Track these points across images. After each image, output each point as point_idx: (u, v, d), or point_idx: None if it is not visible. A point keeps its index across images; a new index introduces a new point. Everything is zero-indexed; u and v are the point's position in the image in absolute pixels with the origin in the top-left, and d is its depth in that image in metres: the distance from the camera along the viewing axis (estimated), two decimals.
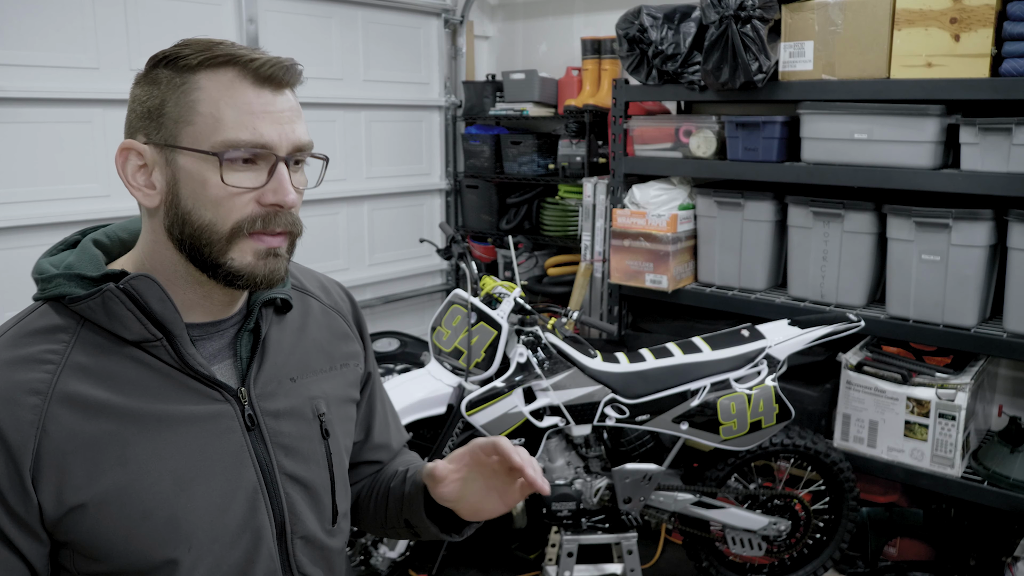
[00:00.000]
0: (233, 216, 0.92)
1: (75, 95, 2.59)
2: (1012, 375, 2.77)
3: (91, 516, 0.90)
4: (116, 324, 0.93)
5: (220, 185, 0.90)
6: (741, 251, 2.90)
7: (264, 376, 1.03)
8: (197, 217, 0.92)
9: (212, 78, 0.90)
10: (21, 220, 2.51)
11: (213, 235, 0.92)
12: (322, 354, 1.12)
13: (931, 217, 2.42)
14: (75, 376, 0.91)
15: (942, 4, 2.29)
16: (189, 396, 0.96)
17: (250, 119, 0.90)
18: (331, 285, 1.23)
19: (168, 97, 0.92)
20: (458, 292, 2.35)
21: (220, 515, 0.97)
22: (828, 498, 2.58)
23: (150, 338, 0.94)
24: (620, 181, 3.11)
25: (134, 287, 0.92)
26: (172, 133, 0.92)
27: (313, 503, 1.07)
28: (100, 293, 0.91)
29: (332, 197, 3.47)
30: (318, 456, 1.07)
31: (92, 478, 0.90)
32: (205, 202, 0.91)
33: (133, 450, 0.92)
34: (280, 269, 0.96)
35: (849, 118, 2.51)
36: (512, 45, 4.07)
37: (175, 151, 0.92)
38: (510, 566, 2.85)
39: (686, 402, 2.31)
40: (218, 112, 0.90)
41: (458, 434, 2.30)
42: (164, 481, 0.93)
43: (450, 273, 4.08)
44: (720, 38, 2.58)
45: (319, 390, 1.09)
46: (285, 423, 1.04)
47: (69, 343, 0.92)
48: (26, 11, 2.47)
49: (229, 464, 0.98)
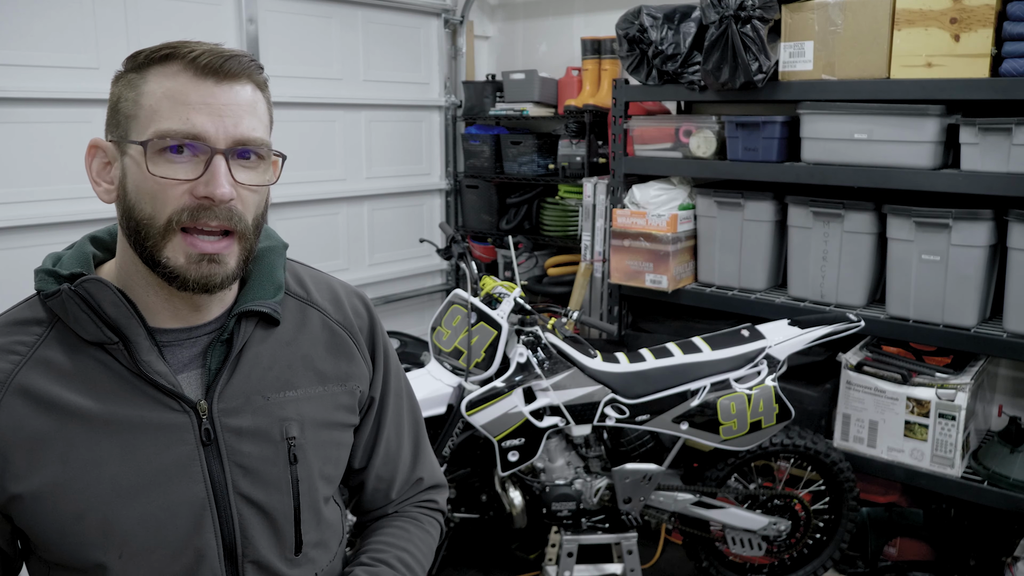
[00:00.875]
0: (167, 208, 0.90)
1: (75, 95, 2.58)
2: (1012, 375, 2.77)
3: (28, 507, 0.91)
4: (76, 324, 0.94)
5: (150, 176, 0.89)
6: (741, 251, 2.90)
7: (231, 391, 0.99)
8: (139, 211, 0.91)
9: (159, 72, 0.91)
10: (21, 220, 2.51)
11: (151, 229, 0.91)
12: (310, 371, 1.06)
13: (931, 217, 2.42)
14: (36, 370, 0.93)
15: (942, 4, 2.29)
16: (144, 403, 0.94)
17: (184, 110, 0.89)
18: (348, 299, 1.16)
19: (122, 94, 0.93)
20: (458, 292, 2.35)
21: (158, 527, 0.94)
22: (828, 498, 2.58)
23: (107, 340, 0.93)
24: (620, 181, 3.11)
25: (86, 289, 0.92)
26: (124, 129, 0.92)
27: (271, 529, 1.02)
28: (60, 293, 0.93)
29: (332, 197, 3.47)
30: (281, 481, 1.02)
31: (31, 471, 0.91)
32: (144, 194, 0.91)
33: (77, 450, 0.92)
34: (216, 275, 0.93)
35: (849, 118, 2.51)
36: (512, 45, 4.07)
37: (125, 145, 0.92)
38: (510, 566, 2.85)
39: (686, 402, 2.31)
40: (156, 104, 0.90)
41: (458, 434, 2.30)
42: (102, 484, 0.92)
43: (450, 273, 4.08)
44: (720, 38, 2.58)
45: (295, 411, 1.03)
46: (247, 442, 0.99)
47: (41, 336, 0.94)
48: (26, 11, 2.47)
49: (175, 476, 0.95)
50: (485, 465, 2.51)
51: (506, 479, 2.45)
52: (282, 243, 1.11)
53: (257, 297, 1.03)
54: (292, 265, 1.14)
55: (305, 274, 1.15)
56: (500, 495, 2.48)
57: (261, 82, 0.97)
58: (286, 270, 1.10)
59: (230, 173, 0.91)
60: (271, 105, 1.00)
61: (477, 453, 2.52)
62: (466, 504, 2.58)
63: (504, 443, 2.25)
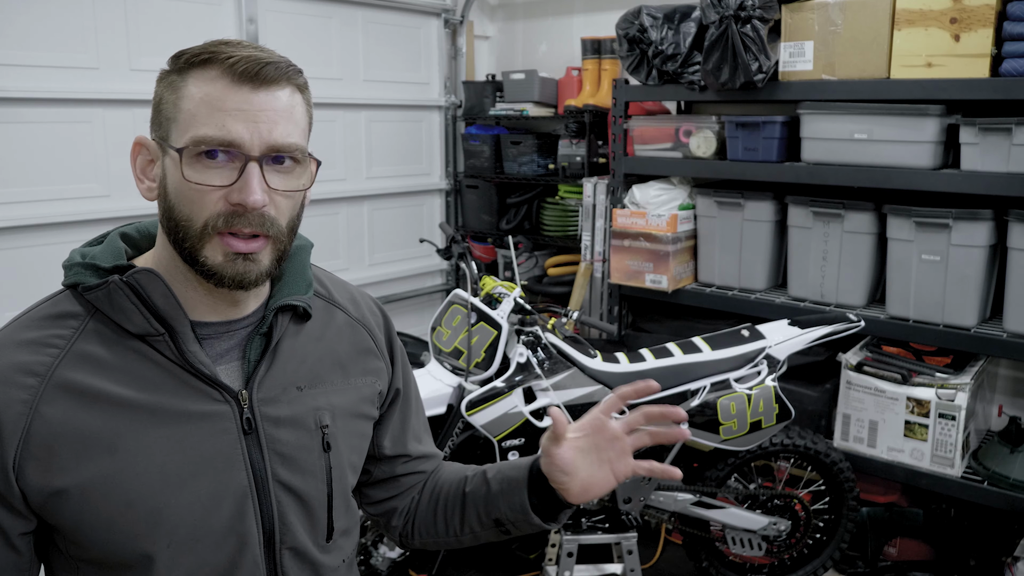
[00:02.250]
0: (204, 213, 0.92)
1: (75, 95, 2.58)
2: (1012, 375, 2.77)
3: (74, 501, 0.91)
4: (120, 316, 0.94)
5: (184, 181, 0.91)
6: (741, 251, 2.90)
7: (269, 381, 1.02)
8: (177, 211, 0.93)
9: (199, 76, 0.92)
10: (21, 220, 2.51)
11: (189, 230, 0.93)
12: (337, 366, 1.10)
13: (931, 217, 2.42)
14: (76, 363, 0.92)
15: (942, 4, 2.29)
16: (187, 393, 0.96)
17: (220, 116, 0.90)
18: (363, 299, 1.21)
19: (164, 96, 0.94)
20: (458, 292, 2.35)
21: (205, 515, 0.96)
22: (828, 498, 2.58)
23: (152, 332, 0.95)
24: (620, 181, 3.11)
25: (137, 280, 0.94)
26: (165, 130, 0.94)
27: (306, 515, 1.05)
28: (107, 284, 0.93)
29: (332, 197, 3.47)
30: (316, 469, 1.05)
31: (79, 463, 0.91)
32: (181, 197, 0.93)
33: (124, 440, 0.92)
34: (251, 273, 0.95)
35: (849, 118, 2.51)
36: (512, 45, 4.07)
37: (166, 146, 0.94)
38: (510, 566, 2.85)
39: (686, 402, 2.31)
40: (195, 109, 0.91)
41: (458, 434, 2.30)
42: (151, 474, 0.93)
43: (450, 273, 4.08)
44: (720, 38, 2.58)
45: (326, 402, 1.07)
46: (284, 431, 1.03)
47: (77, 330, 0.94)
48: (26, 11, 2.47)
49: (220, 465, 0.97)
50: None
51: None
52: (309, 243, 1.15)
53: (292, 293, 1.06)
54: (313, 268, 1.17)
55: (324, 276, 1.19)
56: None
57: (301, 85, 0.99)
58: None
59: (264, 179, 0.92)
60: (311, 106, 1.02)
61: (477, 453, 2.51)
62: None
63: (504, 443, 2.25)
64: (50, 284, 1.02)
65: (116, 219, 2.68)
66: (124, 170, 2.72)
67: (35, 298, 1.01)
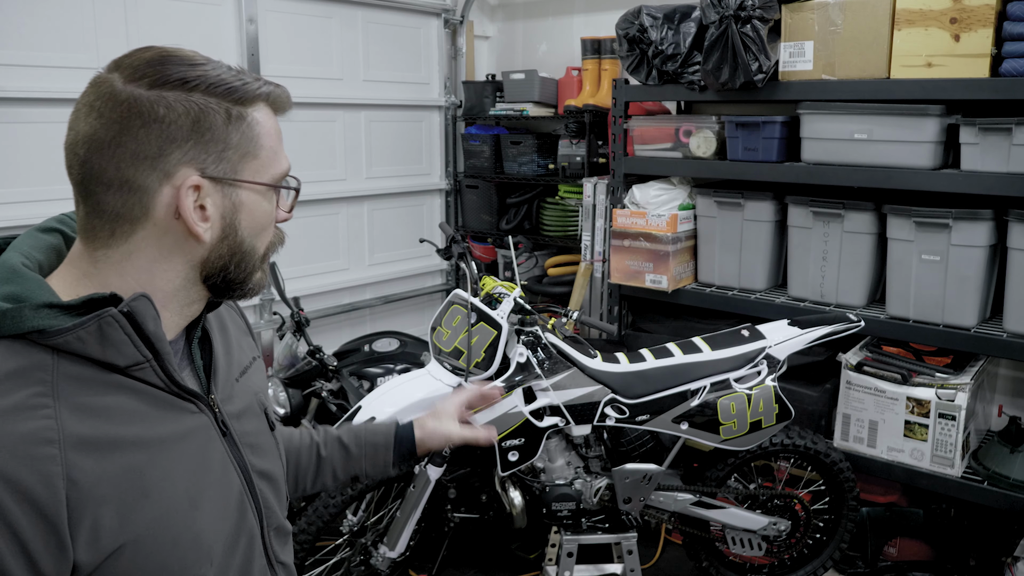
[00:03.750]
0: (266, 239, 0.98)
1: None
2: (1012, 375, 2.77)
3: (128, 557, 0.85)
4: (110, 351, 0.86)
5: (272, 213, 0.97)
6: (741, 251, 2.90)
7: (219, 380, 1.04)
8: (248, 245, 0.95)
9: (260, 109, 0.93)
10: (21, 220, 2.51)
11: (255, 259, 0.97)
12: (242, 350, 1.15)
13: (931, 217, 2.42)
14: (75, 416, 0.84)
15: (942, 4, 2.29)
16: (175, 414, 0.94)
17: (281, 147, 0.96)
18: None
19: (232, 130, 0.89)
20: (458, 292, 2.35)
21: (224, 524, 0.98)
22: (828, 498, 2.58)
23: (140, 360, 0.88)
24: (620, 181, 3.11)
25: (135, 309, 0.86)
26: (233, 166, 0.90)
27: (276, 493, 1.11)
28: (97, 319, 0.84)
29: (332, 197, 3.47)
30: (272, 447, 1.11)
31: (125, 518, 0.85)
32: (255, 230, 0.96)
33: (150, 480, 0.88)
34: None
35: (849, 118, 2.51)
36: (512, 45, 4.07)
37: (238, 182, 0.91)
38: (510, 566, 2.85)
39: (686, 402, 2.31)
40: (273, 145, 0.95)
41: None
42: (181, 504, 0.91)
43: (450, 273, 4.08)
44: (720, 38, 2.58)
45: (254, 384, 1.13)
46: (245, 422, 1.06)
47: (51, 383, 0.83)
48: (26, 11, 2.47)
49: (220, 472, 0.99)
50: (485, 465, 2.51)
51: (506, 479, 2.45)
52: None
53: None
54: None
55: None
56: (500, 495, 2.48)
57: None
58: None
59: None
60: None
61: (477, 453, 2.51)
62: (466, 504, 2.58)
63: (504, 443, 2.25)
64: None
65: None
66: None
67: None
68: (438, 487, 2.42)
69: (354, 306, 3.61)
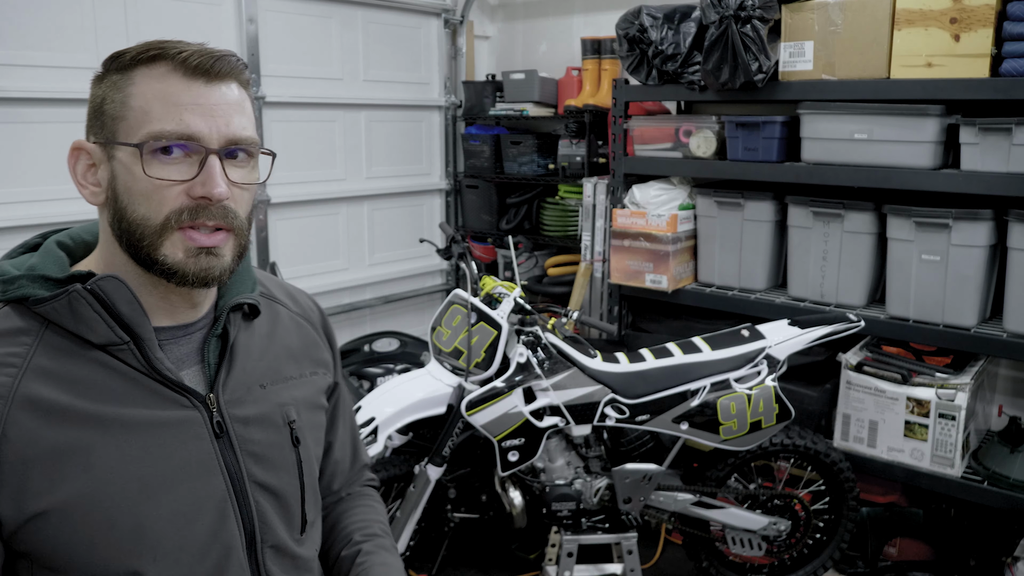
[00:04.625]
0: (164, 209, 0.91)
1: (75, 95, 2.58)
2: (1012, 375, 2.77)
3: (53, 524, 0.87)
4: (82, 327, 0.90)
5: (144, 177, 0.90)
6: (741, 251, 2.90)
7: (233, 382, 1.01)
8: (131, 212, 0.91)
9: (146, 73, 0.91)
10: (21, 220, 2.51)
11: (146, 229, 0.91)
12: (292, 360, 1.11)
13: (931, 217, 2.42)
14: (38, 380, 0.88)
15: (942, 4, 2.29)
16: (155, 401, 0.94)
17: (176, 111, 0.90)
18: (298, 294, 1.23)
19: (107, 95, 0.92)
20: (458, 292, 2.35)
21: (187, 524, 0.94)
22: (828, 498, 2.58)
23: (116, 341, 0.91)
24: (620, 181, 3.11)
25: (101, 288, 0.90)
26: (111, 130, 0.92)
27: (283, 511, 1.05)
28: (66, 294, 0.89)
29: (332, 197, 3.47)
30: (288, 464, 1.06)
31: (55, 485, 0.87)
32: (137, 196, 0.91)
33: (98, 456, 0.89)
34: (214, 268, 0.94)
35: (849, 118, 2.51)
36: (512, 45, 4.07)
37: (113, 147, 0.92)
38: (510, 566, 2.85)
39: (686, 402, 2.31)
40: (147, 105, 0.90)
41: (458, 434, 2.30)
42: (130, 488, 0.90)
43: (450, 273, 4.08)
44: (720, 38, 2.58)
45: (289, 396, 1.08)
46: (255, 430, 1.02)
47: (32, 346, 0.90)
48: (26, 11, 2.47)
49: (197, 472, 0.96)
50: (485, 465, 2.51)
51: (506, 479, 2.45)
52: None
53: (239, 292, 1.06)
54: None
55: (260, 274, 1.20)
56: (500, 495, 2.48)
57: (245, 81, 0.98)
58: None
59: (224, 172, 0.92)
60: (255, 103, 1.02)
61: (477, 453, 2.52)
62: (466, 504, 2.58)
63: (504, 443, 2.25)
64: None
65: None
66: None
67: None
68: (438, 487, 2.42)
69: (354, 306, 3.61)
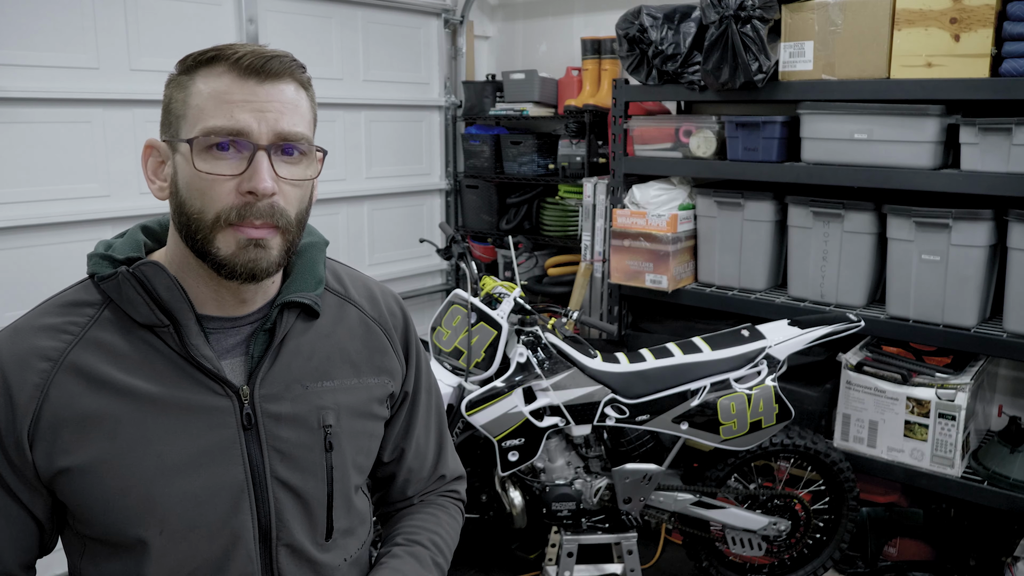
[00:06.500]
0: (216, 205, 0.94)
1: (75, 95, 2.58)
2: (1012, 375, 2.77)
3: (75, 481, 0.95)
4: (129, 306, 0.98)
5: (197, 172, 0.93)
6: (741, 251, 2.90)
7: (272, 378, 1.03)
8: (189, 206, 0.95)
9: (205, 74, 0.95)
10: (21, 220, 2.50)
11: (201, 223, 0.95)
12: (347, 364, 1.11)
13: (931, 217, 2.42)
14: (88, 349, 0.96)
15: (942, 4, 2.29)
16: (189, 385, 0.99)
17: (228, 107, 0.93)
18: (383, 297, 1.22)
19: (173, 96, 0.97)
20: (458, 292, 2.35)
21: (199, 507, 0.98)
22: (828, 498, 2.58)
23: (158, 323, 0.98)
24: (620, 181, 3.11)
25: (143, 272, 0.97)
26: (175, 128, 0.96)
27: (305, 514, 1.06)
28: (117, 276, 0.97)
29: (332, 197, 3.47)
30: (317, 468, 1.06)
31: (80, 446, 0.94)
32: (193, 191, 0.95)
33: (124, 427, 0.96)
34: (262, 260, 0.97)
35: (849, 118, 2.51)
36: (512, 45, 4.07)
37: (176, 144, 0.96)
38: (510, 566, 2.85)
39: (686, 402, 2.31)
40: (203, 103, 0.94)
41: (458, 434, 2.30)
42: (147, 462, 0.96)
43: (450, 273, 4.08)
44: (720, 38, 2.58)
45: (332, 400, 1.08)
46: (285, 428, 1.04)
47: (93, 318, 0.98)
48: (26, 11, 2.47)
49: (218, 459, 0.99)
50: (485, 465, 2.51)
51: (506, 479, 2.45)
52: (323, 240, 1.17)
53: (299, 290, 1.07)
54: (332, 263, 1.19)
55: (343, 272, 1.20)
56: (500, 495, 2.48)
57: (304, 81, 1.01)
58: (326, 267, 1.15)
59: (272, 168, 0.95)
60: (315, 103, 1.04)
61: (477, 453, 2.52)
62: (466, 504, 2.57)
63: (504, 443, 2.25)
64: (50, 283, 1.04)
65: (116, 219, 2.68)
66: (124, 170, 2.73)
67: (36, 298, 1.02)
68: None
69: None
